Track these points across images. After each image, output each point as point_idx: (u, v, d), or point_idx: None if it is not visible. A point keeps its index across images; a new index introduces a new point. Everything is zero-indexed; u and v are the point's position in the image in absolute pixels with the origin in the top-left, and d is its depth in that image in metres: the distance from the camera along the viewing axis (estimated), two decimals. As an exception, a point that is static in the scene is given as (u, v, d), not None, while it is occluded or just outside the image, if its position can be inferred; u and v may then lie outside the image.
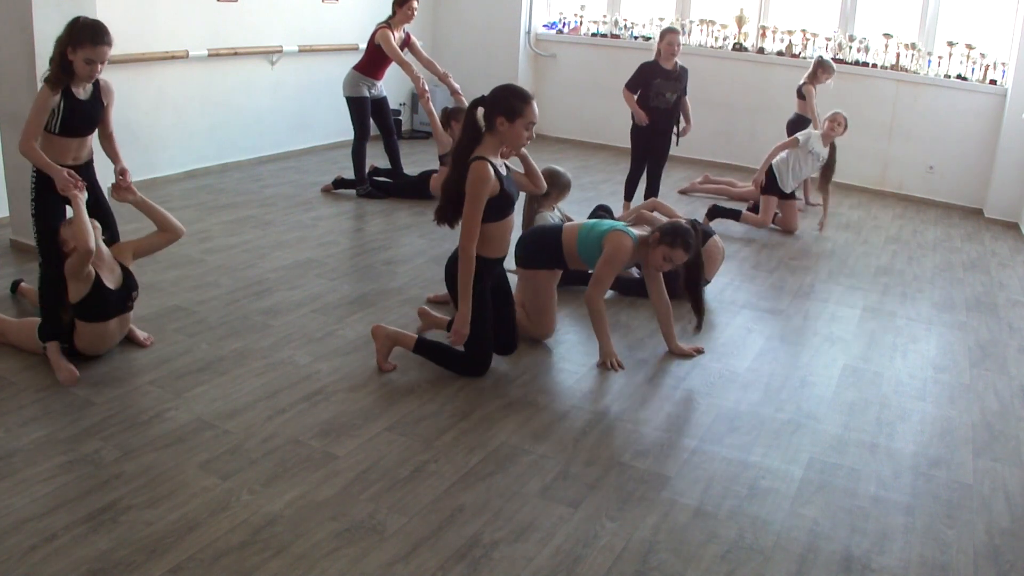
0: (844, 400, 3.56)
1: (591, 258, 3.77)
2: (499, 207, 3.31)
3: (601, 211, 5.22)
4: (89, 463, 2.71)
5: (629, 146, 6.18)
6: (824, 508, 2.76)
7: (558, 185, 4.64)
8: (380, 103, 6.27)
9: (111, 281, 3.33)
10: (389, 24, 5.99)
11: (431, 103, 6.05)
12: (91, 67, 3.22)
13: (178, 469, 2.72)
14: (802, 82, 6.66)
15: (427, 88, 5.99)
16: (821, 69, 6.50)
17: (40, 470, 2.66)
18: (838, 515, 2.73)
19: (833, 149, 5.95)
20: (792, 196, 6.12)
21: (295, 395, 3.26)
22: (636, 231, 3.78)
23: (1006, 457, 3.19)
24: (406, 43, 6.11)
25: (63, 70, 3.22)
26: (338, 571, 2.30)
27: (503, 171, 3.33)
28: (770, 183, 6.04)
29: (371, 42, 6.03)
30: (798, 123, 6.59)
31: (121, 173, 3.44)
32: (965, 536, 2.67)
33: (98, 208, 3.48)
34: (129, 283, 3.40)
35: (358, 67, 6.13)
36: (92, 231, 3.20)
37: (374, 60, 6.08)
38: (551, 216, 4.71)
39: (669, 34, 5.84)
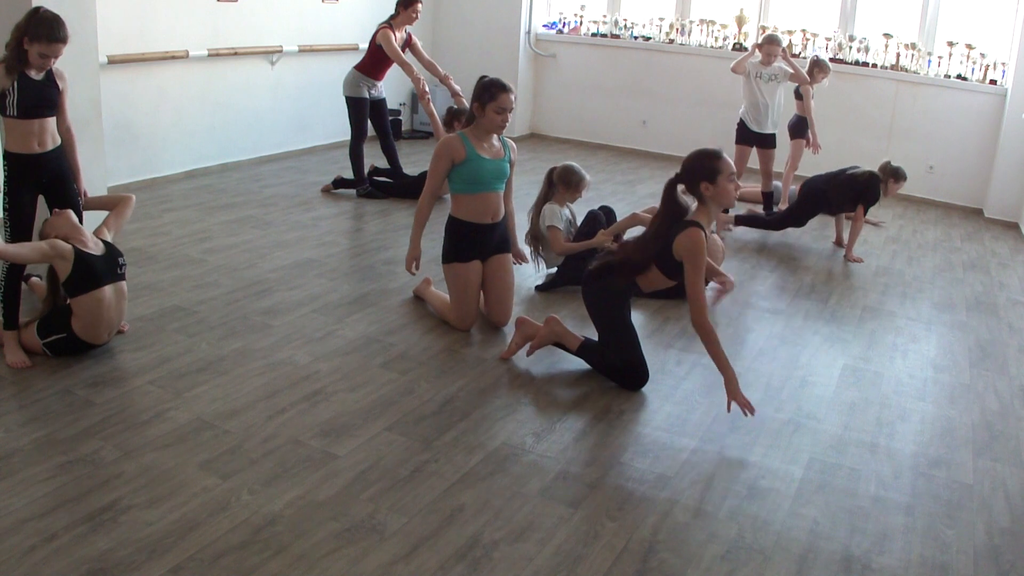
0: (844, 400, 3.56)
1: (461, 179, 3.86)
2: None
3: (603, 212, 5.17)
4: (89, 463, 2.71)
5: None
6: (824, 508, 2.76)
7: (566, 182, 4.63)
8: (378, 104, 6.27)
9: (94, 250, 3.40)
10: (391, 24, 5.98)
11: (432, 104, 6.05)
12: (44, 60, 3.32)
13: (178, 469, 2.72)
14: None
15: (427, 89, 5.99)
16: (817, 68, 6.44)
17: (40, 470, 2.66)
18: (838, 515, 2.73)
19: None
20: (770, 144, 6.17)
21: (295, 395, 3.26)
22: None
23: (1006, 457, 3.19)
24: (407, 44, 6.10)
25: (18, 58, 3.28)
26: (338, 571, 2.30)
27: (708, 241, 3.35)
28: (745, 133, 6.15)
29: (372, 42, 6.02)
30: (799, 125, 6.58)
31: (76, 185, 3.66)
32: (965, 536, 2.67)
33: (66, 197, 3.60)
34: (112, 250, 3.48)
35: (359, 67, 6.12)
36: (29, 253, 3.30)
37: (375, 60, 6.07)
38: (562, 211, 4.70)
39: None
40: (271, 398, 3.23)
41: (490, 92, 3.77)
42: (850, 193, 5.60)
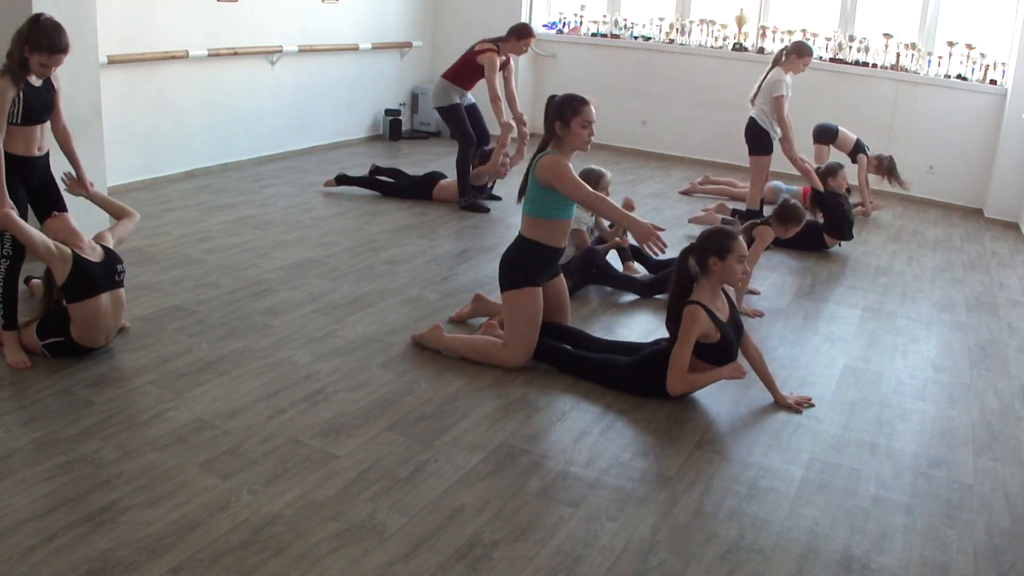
0: (844, 400, 3.56)
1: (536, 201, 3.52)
2: (716, 353, 3.33)
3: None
4: (89, 463, 2.71)
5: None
6: (824, 508, 2.76)
7: (589, 183, 4.62)
8: (471, 108, 6.11)
9: (93, 256, 3.38)
10: (498, 47, 5.79)
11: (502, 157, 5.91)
12: (45, 69, 3.34)
13: (178, 469, 2.72)
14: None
15: (508, 144, 5.85)
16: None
17: (40, 470, 2.66)
18: (838, 515, 2.73)
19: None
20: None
21: (295, 395, 3.26)
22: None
23: (1006, 457, 3.19)
24: (504, 66, 5.91)
25: (21, 67, 3.30)
26: (338, 571, 2.30)
27: (722, 318, 3.33)
28: (763, 141, 5.84)
29: (471, 56, 5.86)
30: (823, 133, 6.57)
31: (80, 178, 3.70)
32: (965, 536, 2.67)
33: (55, 201, 3.62)
34: (112, 257, 3.47)
35: (447, 75, 5.99)
36: (38, 238, 3.30)
37: (468, 74, 5.92)
38: (588, 216, 4.69)
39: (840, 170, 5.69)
40: (271, 398, 3.23)
41: (572, 106, 3.37)
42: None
